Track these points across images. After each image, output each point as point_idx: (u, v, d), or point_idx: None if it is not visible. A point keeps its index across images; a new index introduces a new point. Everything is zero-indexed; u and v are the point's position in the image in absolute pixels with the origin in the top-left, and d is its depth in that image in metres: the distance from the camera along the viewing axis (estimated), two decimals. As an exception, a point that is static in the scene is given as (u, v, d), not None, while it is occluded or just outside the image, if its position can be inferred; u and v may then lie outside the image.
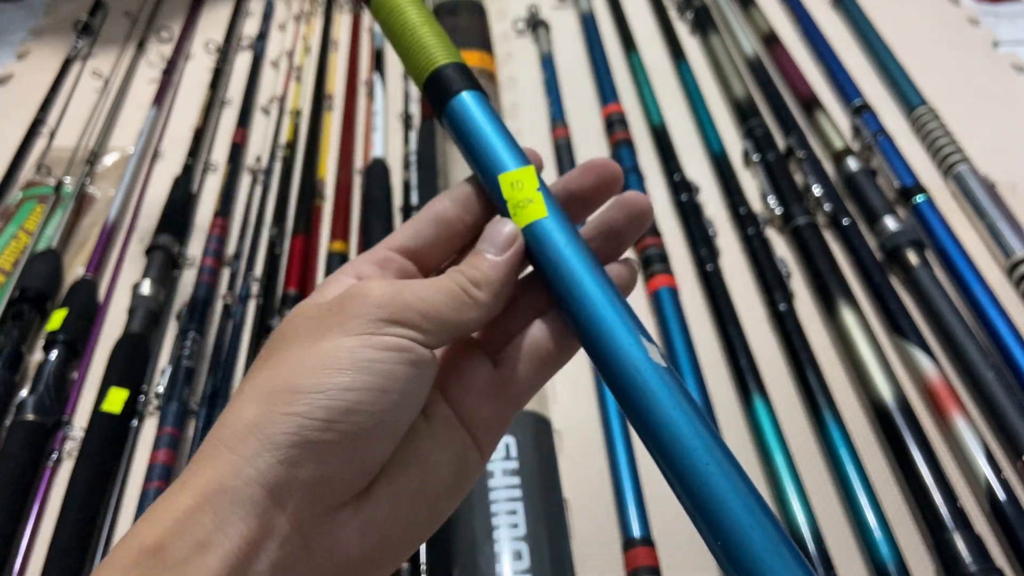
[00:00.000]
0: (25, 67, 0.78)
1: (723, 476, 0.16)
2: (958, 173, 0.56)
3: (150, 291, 0.51)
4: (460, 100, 0.19)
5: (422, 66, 0.19)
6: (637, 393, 0.17)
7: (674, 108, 0.66)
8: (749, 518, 0.15)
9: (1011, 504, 0.37)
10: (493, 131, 0.19)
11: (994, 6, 0.77)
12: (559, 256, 0.18)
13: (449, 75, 0.18)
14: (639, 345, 0.17)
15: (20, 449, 0.43)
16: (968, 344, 0.44)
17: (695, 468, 0.16)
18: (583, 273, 0.18)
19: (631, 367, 0.17)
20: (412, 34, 0.18)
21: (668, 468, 0.17)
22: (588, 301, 0.17)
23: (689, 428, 0.16)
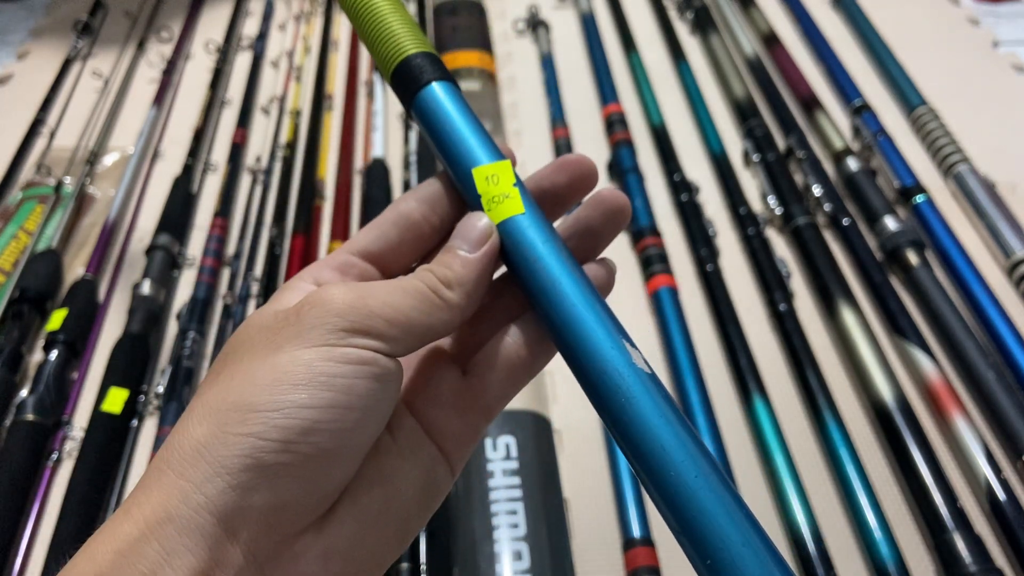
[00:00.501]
0: (25, 67, 0.78)
1: (711, 491, 0.15)
2: (958, 173, 0.56)
3: (150, 291, 0.51)
4: (430, 91, 0.17)
5: (390, 56, 0.17)
6: (618, 401, 0.16)
7: (674, 108, 0.66)
8: (740, 537, 0.14)
9: (1011, 504, 0.37)
10: (466, 124, 0.18)
11: (994, 6, 0.77)
12: (536, 254, 0.17)
13: (418, 65, 0.17)
14: (621, 348, 0.16)
15: (20, 449, 0.43)
16: (968, 344, 0.44)
17: (681, 483, 0.15)
18: (561, 273, 0.16)
19: (612, 372, 0.16)
20: (379, 24, 0.17)
21: (651, 482, 0.15)
22: (566, 302, 0.16)
23: (674, 439, 0.15)
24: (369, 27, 0.18)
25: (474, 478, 0.38)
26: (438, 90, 0.17)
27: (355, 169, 0.62)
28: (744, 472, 0.41)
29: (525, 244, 0.17)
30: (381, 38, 0.17)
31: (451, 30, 0.68)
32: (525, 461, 0.39)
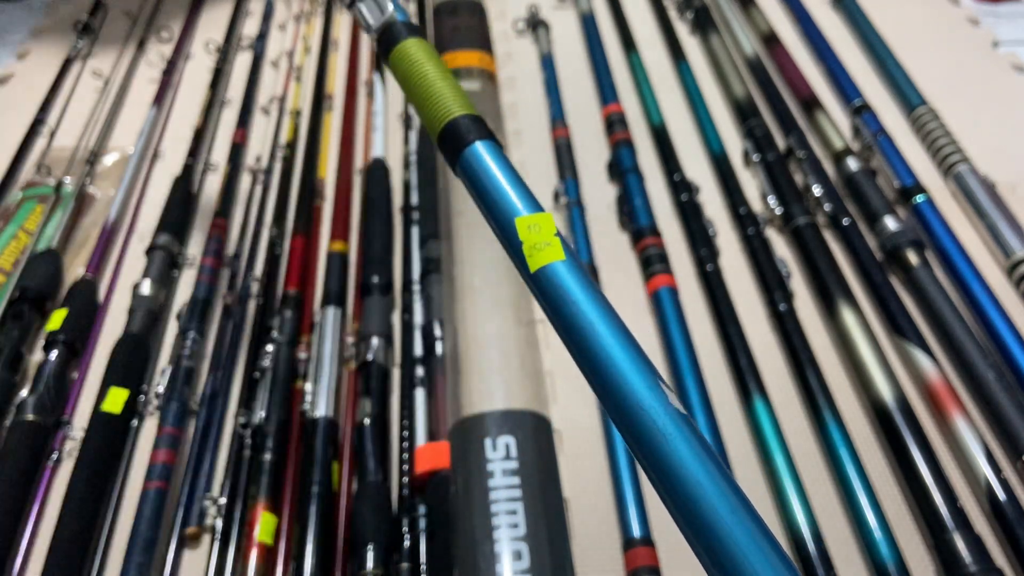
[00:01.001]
0: (25, 67, 0.78)
1: (744, 529, 0.15)
2: (958, 173, 0.56)
3: (150, 291, 0.51)
4: (474, 149, 0.19)
5: (438, 117, 0.19)
6: (655, 439, 0.16)
7: (674, 108, 0.66)
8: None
9: (1011, 504, 0.37)
10: (508, 178, 0.19)
11: (994, 6, 0.77)
12: (573, 298, 0.17)
13: (464, 125, 0.19)
14: (657, 390, 0.16)
15: (20, 449, 0.43)
16: (968, 344, 0.44)
17: (716, 519, 0.15)
18: (597, 316, 0.17)
19: (649, 411, 0.16)
20: (428, 87, 0.19)
21: (685, 520, 0.16)
22: (603, 344, 0.17)
23: (708, 476, 0.16)
24: (418, 91, 0.19)
25: (474, 478, 0.38)
26: (481, 148, 0.19)
27: (355, 169, 0.62)
28: (744, 472, 0.41)
29: (564, 289, 0.18)
30: (430, 101, 0.19)
31: (451, 30, 0.68)
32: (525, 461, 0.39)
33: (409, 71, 0.19)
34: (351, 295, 0.52)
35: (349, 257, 0.55)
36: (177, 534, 0.40)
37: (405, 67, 0.20)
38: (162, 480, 0.41)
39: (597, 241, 0.54)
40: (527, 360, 0.44)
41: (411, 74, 0.19)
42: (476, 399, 0.41)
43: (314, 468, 0.41)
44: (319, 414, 0.43)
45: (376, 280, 0.50)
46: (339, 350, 0.47)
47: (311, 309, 0.51)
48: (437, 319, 0.47)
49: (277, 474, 0.42)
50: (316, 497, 0.39)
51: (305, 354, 0.47)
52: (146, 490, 0.41)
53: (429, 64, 0.19)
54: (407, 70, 0.19)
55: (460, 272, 0.47)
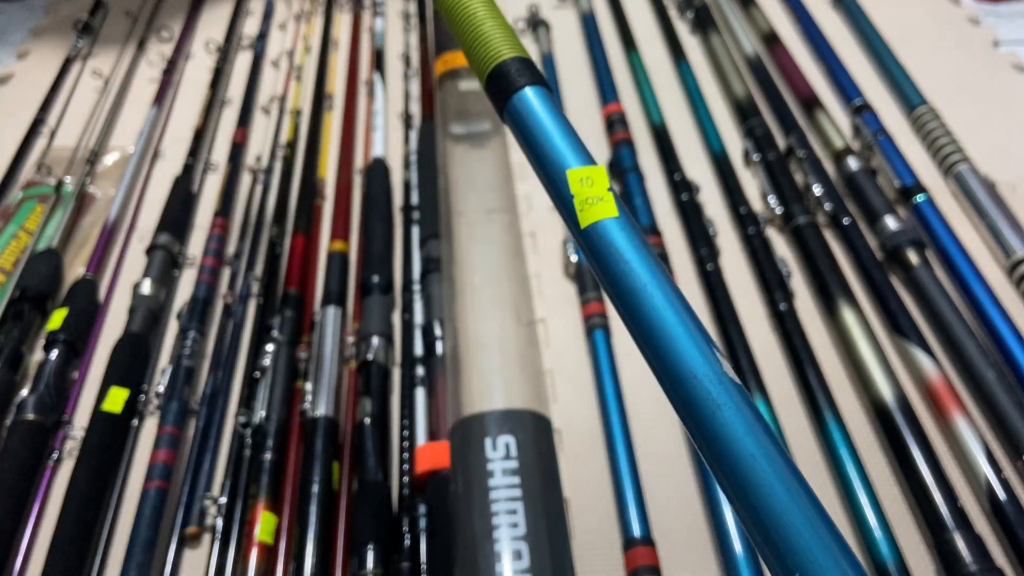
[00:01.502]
0: (26, 67, 0.78)
1: (799, 506, 0.14)
2: (958, 173, 0.56)
3: (150, 291, 0.51)
4: (523, 96, 0.18)
5: (485, 60, 0.18)
6: (708, 408, 0.15)
7: (674, 108, 0.66)
8: (828, 556, 0.14)
9: (1011, 504, 0.37)
10: (560, 127, 0.18)
11: (994, 6, 0.77)
12: (627, 257, 0.16)
13: (515, 68, 0.18)
14: (711, 357, 0.15)
15: (20, 448, 0.43)
16: (968, 343, 0.44)
17: (771, 495, 0.14)
18: (651, 277, 0.16)
19: (703, 379, 0.15)
20: (476, 27, 0.18)
21: (736, 494, 0.15)
22: (657, 306, 0.16)
23: (762, 451, 0.14)
24: (465, 32, 0.18)
25: (474, 477, 0.38)
26: (531, 94, 0.18)
27: (355, 168, 0.62)
28: (744, 472, 0.41)
29: (617, 247, 0.17)
30: (477, 43, 0.18)
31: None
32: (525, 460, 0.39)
33: (456, 9, 0.18)
34: (351, 295, 0.52)
35: (349, 257, 0.55)
36: (177, 533, 0.40)
37: (451, 4, 0.18)
38: (162, 479, 0.41)
39: (597, 241, 0.54)
40: (527, 360, 0.44)
41: (458, 12, 0.18)
42: (476, 399, 0.41)
43: (314, 467, 0.41)
44: (319, 413, 0.43)
45: (376, 280, 0.50)
46: (339, 349, 0.47)
47: (311, 309, 0.51)
48: (437, 319, 0.47)
49: (277, 473, 0.42)
50: (316, 496, 0.39)
51: (305, 353, 0.47)
52: (146, 489, 0.41)
53: (478, 2, 0.18)
54: (454, 7, 0.18)
55: (460, 272, 0.47)
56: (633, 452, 0.42)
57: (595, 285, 0.50)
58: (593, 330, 0.47)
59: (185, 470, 0.42)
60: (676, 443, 0.43)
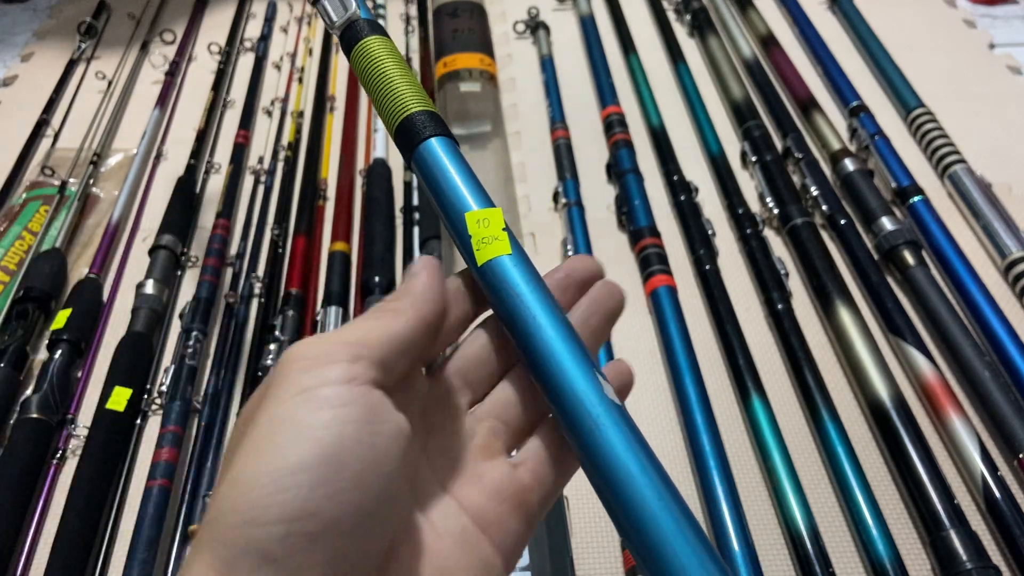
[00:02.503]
0: (29, 68, 0.79)
1: (672, 518, 0.16)
2: (954, 174, 0.56)
3: (153, 290, 0.52)
4: (428, 145, 0.19)
5: (395, 113, 0.19)
6: (588, 427, 0.16)
7: (673, 109, 0.66)
8: (700, 568, 0.15)
9: (1007, 502, 0.38)
10: (460, 174, 0.19)
11: (990, 8, 0.77)
12: (517, 291, 0.18)
13: (419, 121, 0.19)
14: (594, 381, 0.17)
15: (25, 447, 0.43)
16: (964, 343, 0.44)
17: (645, 509, 0.16)
18: (539, 309, 0.17)
19: (585, 402, 0.17)
20: (387, 83, 0.19)
21: (616, 508, 0.16)
22: (543, 335, 0.17)
23: (639, 467, 0.16)
24: (377, 87, 0.19)
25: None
26: (436, 144, 0.19)
27: (357, 170, 0.63)
28: (742, 471, 0.41)
29: (509, 282, 0.18)
30: (388, 97, 0.19)
31: (452, 32, 0.68)
32: (525, 459, 0.40)
33: (369, 68, 0.19)
34: (353, 295, 0.52)
35: (351, 257, 0.55)
36: (180, 531, 0.40)
37: (365, 64, 0.20)
38: (165, 478, 0.42)
39: (596, 241, 0.55)
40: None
41: (371, 71, 0.19)
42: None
43: (316, 466, 0.41)
44: (321, 412, 0.44)
45: (377, 280, 0.51)
46: (341, 349, 0.47)
47: (313, 309, 0.51)
48: (438, 318, 0.47)
49: (279, 472, 0.42)
50: (318, 494, 0.40)
51: (307, 353, 0.48)
52: (149, 488, 0.41)
53: (389, 60, 0.19)
54: (367, 67, 0.19)
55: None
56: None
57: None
58: (592, 330, 0.47)
59: (188, 468, 0.43)
60: (675, 442, 0.43)
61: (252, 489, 0.13)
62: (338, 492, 0.14)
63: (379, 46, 0.20)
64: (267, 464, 0.14)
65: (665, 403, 0.45)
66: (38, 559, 0.40)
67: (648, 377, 0.46)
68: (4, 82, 0.77)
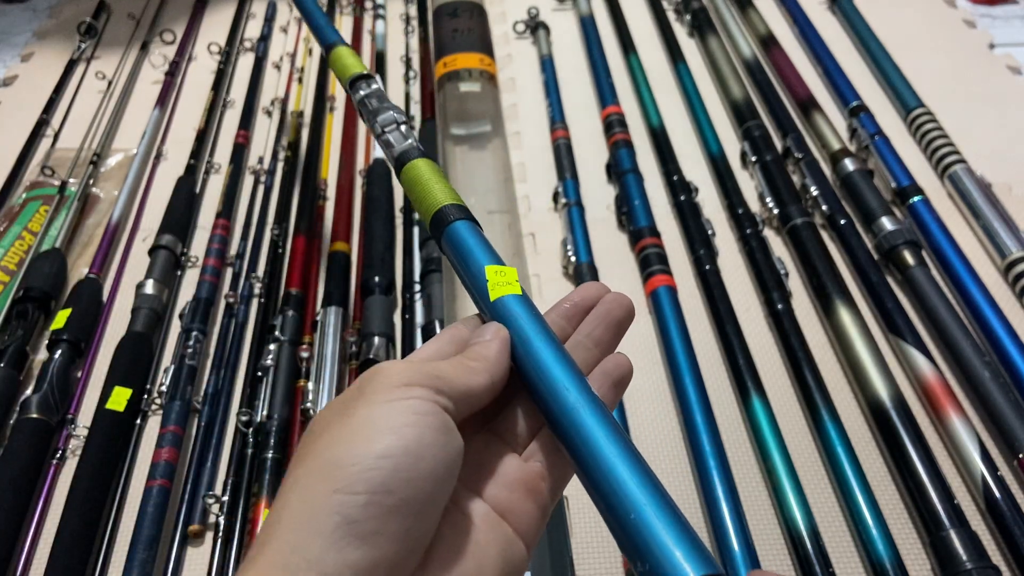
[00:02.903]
0: (29, 69, 0.79)
1: (650, 499, 0.19)
2: (954, 174, 0.56)
3: (153, 290, 0.52)
4: (455, 227, 0.25)
5: (430, 207, 0.25)
6: (570, 412, 0.20)
7: (673, 109, 0.66)
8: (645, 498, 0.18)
9: (1007, 502, 0.38)
10: (481, 246, 0.25)
11: (990, 8, 0.77)
12: (520, 326, 0.22)
13: (448, 211, 0.25)
14: (578, 376, 0.21)
15: (25, 446, 0.43)
16: (964, 343, 0.44)
17: (621, 491, 0.19)
18: (536, 332, 0.22)
19: (571, 391, 0.21)
20: (426, 187, 0.26)
21: (594, 489, 0.20)
22: (538, 349, 0.22)
23: (613, 447, 0.20)
24: (419, 190, 0.26)
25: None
26: (460, 226, 0.25)
27: (357, 170, 0.63)
28: (742, 470, 0.41)
29: (515, 313, 0.23)
30: (427, 196, 0.26)
31: (452, 32, 0.69)
32: (525, 459, 0.40)
33: (415, 179, 0.26)
34: (353, 295, 0.52)
35: (351, 257, 0.55)
36: (180, 531, 0.40)
37: (412, 176, 0.27)
38: (165, 478, 0.42)
39: (596, 241, 0.55)
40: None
41: (415, 181, 0.26)
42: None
43: (316, 466, 0.41)
44: (321, 412, 0.44)
45: (377, 280, 0.51)
46: (341, 349, 0.47)
47: (313, 309, 0.51)
48: (438, 319, 0.47)
49: (279, 472, 0.42)
50: (318, 494, 0.40)
51: (307, 353, 0.48)
52: (149, 488, 0.41)
53: (430, 172, 0.26)
54: (413, 178, 0.27)
55: (460, 272, 0.48)
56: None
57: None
58: (592, 330, 0.47)
59: (188, 468, 0.43)
60: (675, 442, 0.43)
61: (345, 467, 0.17)
62: (414, 478, 0.17)
63: (424, 165, 0.27)
64: (359, 448, 0.17)
65: (665, 403, 0.45)
66: (38, 559, 0.40)
67: (648, 377, 0.46)
68: (4, 82, 0.77)
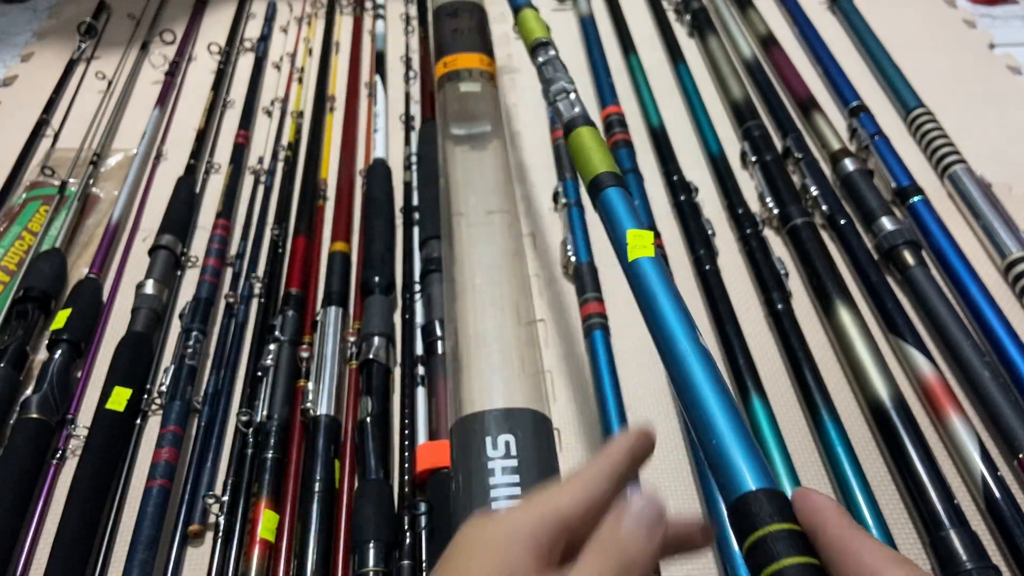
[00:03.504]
0: (29, 69, 0.79)
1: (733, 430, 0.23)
2: (954, 174, 0.56)
3: (153, 290, 0.52)
4: (607, 192, 0.31)
5: (590, 171, 0.31)
6: (684, 359, 0.25)
7: (673, 109, 0.66)
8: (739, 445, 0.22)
9: (1007, 502, 0.38)
10: (627, 211, 0.30)
11: (990, 8, 0.77)
12: (651, 285, 0.27)
13: (604, 178, 0.31)
14: (692, 330, 0.26)
15: (25, 446, 0.43)
16: (964, 343, 0.44)
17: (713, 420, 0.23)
18: (662, 287, 0.27)
19: (683, 342, 0.26)
20: (588, 153, 0.31)
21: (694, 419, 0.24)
22: (662, 305, 0.27)
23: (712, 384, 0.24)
24: (582, 155, 0.32)
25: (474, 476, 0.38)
26: (612, 192, 0.31)
27: (357, 170, 0.63)
28: (742, 470, 0.41)
29: (646, 273, 0.28)
30: (588, 162, 0.31)
31: (451, 32, 0.68)
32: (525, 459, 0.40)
33: (579, 144, 0.32)
34: (353, 295, 0.52)
35: (351, 257, 0.55)
36: (180, 531, 0.40)
37: (577, 142, 0.33)
38: (165, 478, 0.42)
39: (597, 241, 0.55)
40: (527, 359, 0.45)
41: (580, 146, 0.32)
42: (476, 397, 0.41)
43: (316, 466, 0.41)
44: (321, 413, 0.44)
45: (377, 280, 0.51)
46: (341, 349, 0.47)
47: (313, 309, 0.52)
48: (437, 319, 0.47)
49: (279, 472, 0.42)
50: (318, 495, 0.40)
51: (307, 353, 0.48)
52: (149, 488, 0.41)
53: (592, 140, 0.32)
54: (578, 144, 0.32)
55: (460, 272, 0.48)
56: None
57: (594, 285, 0.50)
58: (592, 330, 0.47)
59: (188, 468, 0.43)
60: (675, 442, 0.43)
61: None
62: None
63: (588, 132, 0.33)
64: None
65: (664, 403, 0.45)
66: (38, 559, 0.40)
67: (647, 377, 0.46)
68: (4, 82, 0.77)
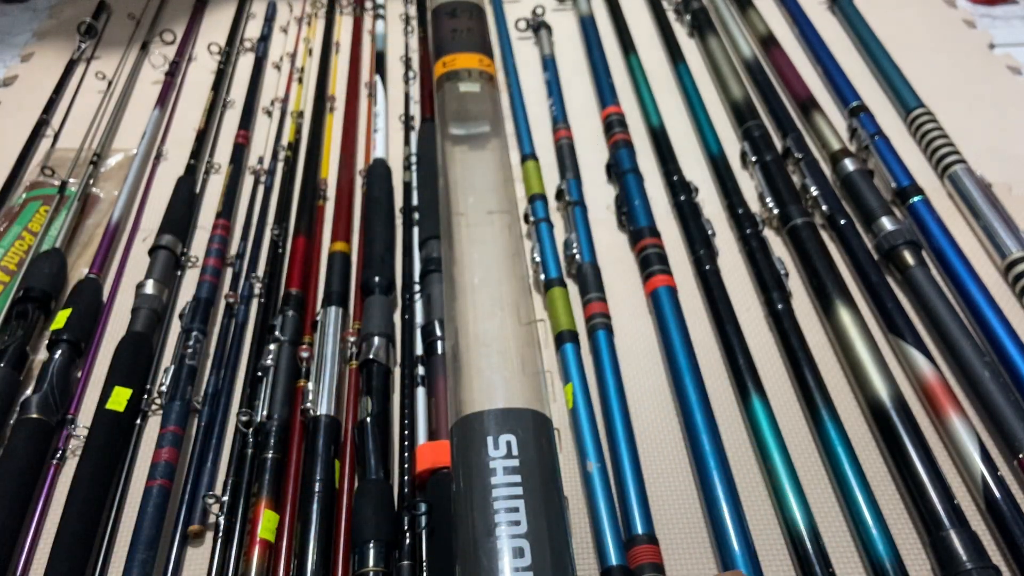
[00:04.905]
0: (29, 69, 0.79)
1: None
2: (954, 174, 0.56)
3: (153, 290, 0.52)
4: (565, 347, 0.32)
5: (555, 327, 0.32)
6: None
7: (673, 109, 0.66)
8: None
9: (1007, 502, 0.38)
10: (578, 368, 0.31)
11: (990, 8, 0.77)
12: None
13: (565, 335, 0.33)
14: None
15: (24, 447, 0.43)
16: (964, 343, 0.44)
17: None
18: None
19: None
20: (556, 310, 0.34)
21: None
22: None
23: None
24: (552, 307, 0.34)
25: (475, 476, 0.38)
26: (569, 348, 0.33)
27: (357, 170, 0.63)
28: (742, 471, 0.41)
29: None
30: (556, 316, 0.33)
31: (451, 32, 0.69)
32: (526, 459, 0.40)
33: (553, 300, 0.34)
34: (353, 295, 0.52)
35: (351, 257, 0.55)
36: (180, 531, 0.40)
37: (552, 297, 0.35)
38: (165, 478, 0.42)
39: (597, 242, 0.55)
40: (527, 359, 0.45)
41: (553, 302, 0.34)
42: (476, 397, 0.41)
43: (316, 466, 0.41)
44: (321, 413, 0.44)
45: (377, 280, 0.51)
46: (341, 349, 0.47)
47: (313, 309, 0.52)
48: (437, 319, 0.47)
49: (279, 472, 0.42)
50: (318, 495, 0.40)
51: (307, 353, 0.48)
52: (149, 488, 0.41)
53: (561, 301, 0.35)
54: (552, 299, 0.35)
55: (460, 272, 0.48)
56: (636, 450, 0.42)
57: (597, 285, 0.50)
58: (595, 330, 0.47)
59: (188, 468, 0.43)
60: (675, 442, 0.43)
61: None
62: None
63: (559, 292, 0.36)
64: None
65: (665, 403, 0.45)
66: (38, 559, 0.40)
67: (648, 377, 0.47)
68: (4, 82, 0.77)
